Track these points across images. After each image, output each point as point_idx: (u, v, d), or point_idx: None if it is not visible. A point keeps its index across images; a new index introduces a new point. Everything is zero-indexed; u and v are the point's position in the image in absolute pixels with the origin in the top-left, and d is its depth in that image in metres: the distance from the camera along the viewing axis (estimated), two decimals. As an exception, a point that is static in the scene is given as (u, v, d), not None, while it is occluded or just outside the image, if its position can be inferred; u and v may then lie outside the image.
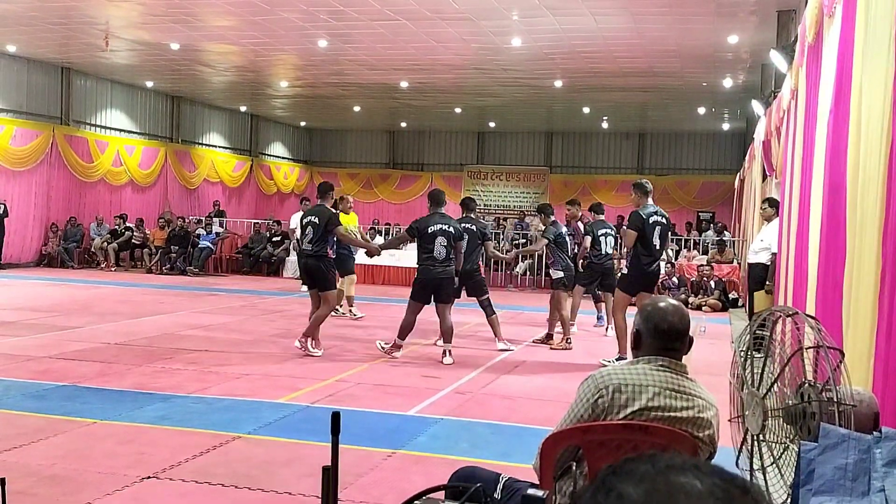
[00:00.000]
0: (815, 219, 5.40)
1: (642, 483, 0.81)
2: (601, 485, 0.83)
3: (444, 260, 8.26)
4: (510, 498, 2.65)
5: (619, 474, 0.83)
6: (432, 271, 8.26)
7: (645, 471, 0.82)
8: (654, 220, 8.24)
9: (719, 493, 0.79)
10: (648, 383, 2.54)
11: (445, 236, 8.24)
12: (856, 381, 3.12)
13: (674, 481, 0.80)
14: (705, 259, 16.71)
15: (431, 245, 8.22)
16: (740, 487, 0.80)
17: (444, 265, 8.28)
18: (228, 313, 11.73)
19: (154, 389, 6.63)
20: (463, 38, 14.46)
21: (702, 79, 17.29)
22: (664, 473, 0.81)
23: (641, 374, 2.56)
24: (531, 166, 27.65)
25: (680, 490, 0.79)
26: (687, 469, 0.82)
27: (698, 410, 2.55)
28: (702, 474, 0.81)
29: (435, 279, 8.26)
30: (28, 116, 18.30)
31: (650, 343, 2.61)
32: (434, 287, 8.32)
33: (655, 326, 2.60)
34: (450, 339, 8.45)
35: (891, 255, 3.28)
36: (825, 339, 3.15)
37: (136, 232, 19.37)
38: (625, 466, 0.84)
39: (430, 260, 8.25)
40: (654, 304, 2.69)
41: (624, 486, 0.81)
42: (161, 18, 13.84)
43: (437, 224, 8.29)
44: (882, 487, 2.56)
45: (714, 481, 0.80)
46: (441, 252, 8.22)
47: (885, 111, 3.45)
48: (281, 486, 4.39)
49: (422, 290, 8.39)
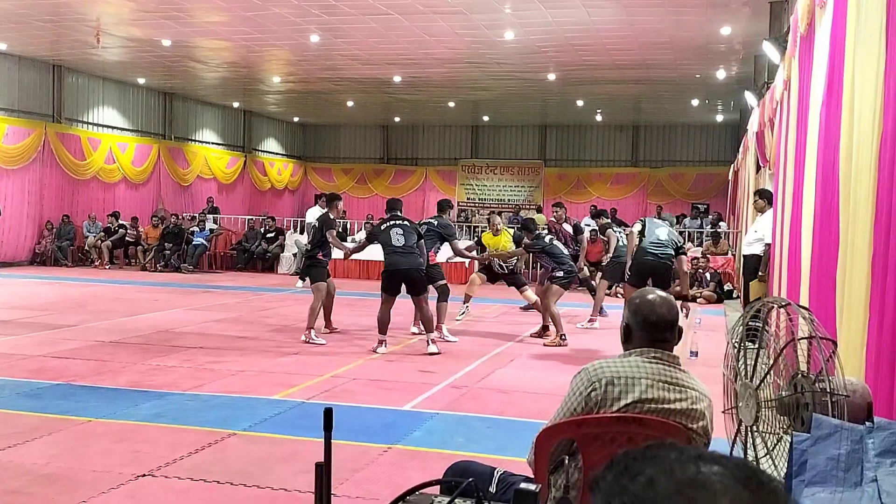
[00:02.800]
0: (808, 209, 5.41)
1: (672, 471, 0.79)
2: (624, 469, 0.81)
3: (403, 247, 8.40)
4: (505, 492, 2.65)
5: (644, 460, 0.81)
6: (396, 261, 8.44)
7: (675, 458, 0.81)
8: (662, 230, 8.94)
9: (752, 484, 0.79)
10: (641, 375, 2.54)
11: (401, 227, 8.51)
12: (849, 371, 3.12)
13: (704, 471, 0.79)
14: (700, 251, 16.73)
15: (388, 237, 8.46)
16: (764, 480, 0.80)
17: (404, 253, 8.41)
18: (223, 310, 11.72)
19: (149, 387, 6.62)
20: (456, 32, 14.43)
21: (695, 70, 17.29)
22: (694, 463, 0.80)
23: (634, 366, 2.56)
24: (525, 160, 27.63)
25: (712, 481, 0.78)
26: (713, 460, 0.81)
27: (692, 402, 2.55)
28: (728, 465, 0.81)
29: (399, 269, 8.44)
30: (20, 114, 18.22)
31: (640, 335, 2.62)
32: (401, 277, 8.49)
33: (645, 319, 2.60)
34: (431, 328, 8.62)
35: (882, 245, 3.29)
36: (818, 329, 3.15)
37: (130, 229, 19.32)
38: (649, 453, 0.83)
39: (390, 248, 8.46)
40: (642, 296, 2.68)
41: (652, 471, 0.79)
42: (152, 15, 13.78)
43: (388, 221, 8.66)
44: (874, 477, 2.57)
45: (744, 473, 0.80)
46: (399, 239, 8.41)
47: (875, 101, 3.45)
48: (276, 483, 4.39)
49: (388, 281, 8.54)
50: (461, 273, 16.73)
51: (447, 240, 9.75)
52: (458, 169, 28.09)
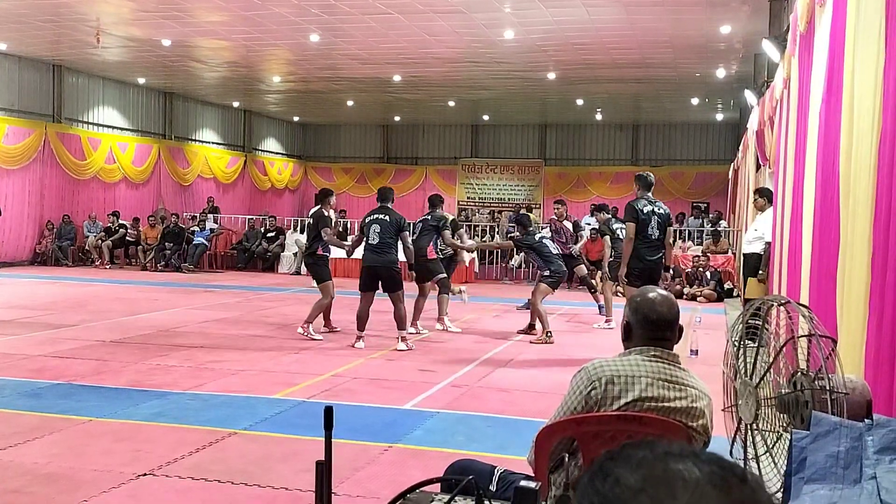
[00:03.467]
0: (808, 208, 5.41)
1: (640, 468, 0.80)
2: (599, 470, 0.82)
3: (377, 245, 8.58)
4: (505, 490, 2.66)
5: (617, 460, 0.82)
6: (369, 258, 8.68)
7: (643, 456, 0.81)
8: (650, 211, 8.06)
9: (717, 480, 0.78)
10: (641, 374, 2.54)
11: (379, 224, 8.67)
12: (848, 369, 3.13)
13: (672, 467, 0.79)
14: (700, 249, 16.73)
15: (367, 233, 8.70)
16: (738, 476, 0.79)
17: (377, 252, 8.59)
18: (223, 309, 11.72)
19: (149, 386, 6.62)
20: (455, 31, 14.43)
21: (695, 69, 17.28)
22: (662, 459, 0.81)
23: (634, 365, 2.56)
24: (525, 159, 27.62)
25: (677, 476, 0.78)
26: (685, 456, 0.81)
27: (691, 400, 2.55)
28: (700, 461, 0.80)
29: (373, 266, 8.65)
30: (20, 114, 18.22)
31: (640, 334, 2.61)
32: (375, 274, 8.66)
33: (645, 317, 2.60)
34: (403, 325, 8.73)
35: (882, 243, 3.29)
36: (817, 327, 3.16)
37: (130, 229, 19.33)
38: (622, 452, 0.83)
39: (367, 245, 8.70)
40: (642, 294, 2.68)
41: (621, 471, 0.80)
42: (152, 14, 13.79)
43: (372, 215, 8.84)
44: (874, 475, 2.57)
45: (712, 469, 0.79)
46: (374, 238, 8.60)
47: (875, 99, 3.46)
48: (277, 482, 4.40)
49: (364, 278, 8.74)
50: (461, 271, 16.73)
51: (440, 231, 9.93)
52: (458, 168, 28.08)
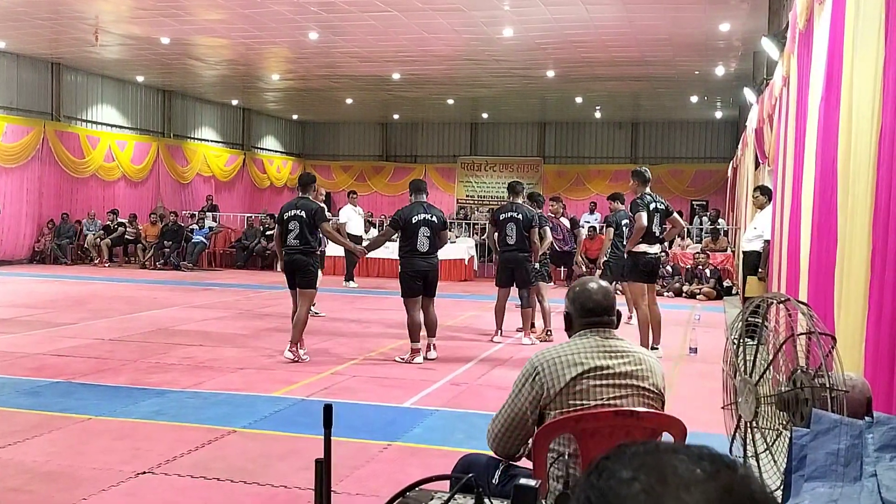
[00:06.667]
0: (807, 205, 5.41)
1: (632, 461, 0.83)
2: (595, 468, 0.85)
3: (427, 252, 7.89)
4: (506, 484, 2.70)
5: (611, 457, 0.86)
6: (417, 263, 7.90)
7: (635, 451, 0.85)
8: (654, 208, 8.27)
9: (708, 467, 0.81)
10: (580, 350, 2.67)
11: (429, 226, 7.90)
12: (848, 366, 3.13)
13: (664, 459, 0.83)
14: (699, 247, 16.73)
15: (414, 238, 7.88)
16: (728, 464, 0.82)
17: (427, 258, 7.92)
18: (222, 308, 11.72)
19: (149, 385, 6.62)
20: (454, 29, 14.42)
21: (694, 67, 17.29)
22: (654, 453, 0.84)
23: (573, 346, 2.70)
24: (525, 157, 27.62)
25: (670, 469, 0.81)
26: (677, 450, 0.84)
27: (636, 362, 2.68)
28: (691, 453, 0.83)
29: (422, 270, 7.89)
30: (18, 112, 18.21)
31: (580, 322, 2.76)
32: (422, 278, 7.93)
33: (582, 306, 2.76)
34: (434, 332, 8.15)
35: (881, 240, 3.29)
36: (817, 325, 3.16)
37: (129, 227, 19.32)
38: (617, 450, 0.87)
39: (413, 253, 7.90)
40: (581, 285, 2.84)
41: (615, 465, 0.83)
42: (150, 13, 13.78)
43: (420, 214, 7.91)
44: (874, 472, 2.57)
45: (702, 459, 0.82)
46: (424, 244, 7.87)
47: (874, 97, 3.46)
48: (277, 480, 4.40)
49: (412, 283, 7.92)
50: (460, 268, 16.76)
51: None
52: (458, 166, 28.08)
